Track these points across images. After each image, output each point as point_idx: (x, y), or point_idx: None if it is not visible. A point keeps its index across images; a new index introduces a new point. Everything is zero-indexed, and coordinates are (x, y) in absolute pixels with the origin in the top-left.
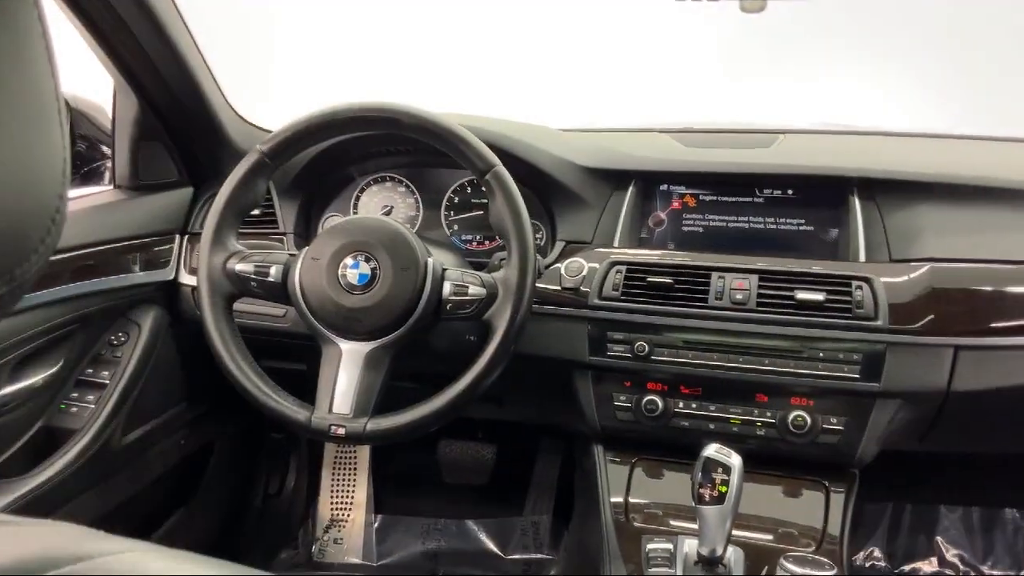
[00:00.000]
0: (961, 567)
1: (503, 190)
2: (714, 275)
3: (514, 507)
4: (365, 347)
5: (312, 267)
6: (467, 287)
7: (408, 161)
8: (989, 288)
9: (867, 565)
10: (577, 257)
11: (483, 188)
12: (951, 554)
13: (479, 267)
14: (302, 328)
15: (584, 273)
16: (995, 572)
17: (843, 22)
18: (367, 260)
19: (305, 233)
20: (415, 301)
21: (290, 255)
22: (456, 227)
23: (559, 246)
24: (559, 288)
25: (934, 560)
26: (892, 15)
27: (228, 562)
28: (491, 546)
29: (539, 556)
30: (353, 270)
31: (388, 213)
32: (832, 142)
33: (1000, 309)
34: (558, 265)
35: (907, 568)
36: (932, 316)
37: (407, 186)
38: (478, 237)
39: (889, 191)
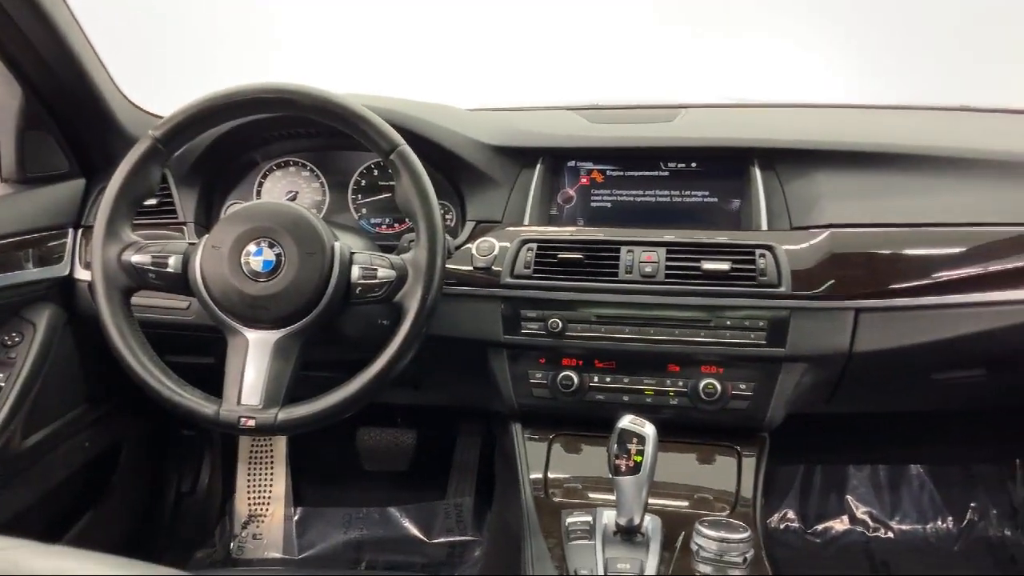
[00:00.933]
0: (871, 523)
1: (408, 170)
2: (623, 249)
3: (436, 491)
4: (273, 335)
5: (213, 255)
6: (376, 270)
7: (312, 144)
8: (887, 251)
9: (781, 527)
10: (488, 237)
11: (389, 169)
12: (861, 511)
13: (389, 251)
14: (207, 320)
15: (495, 252)
16: (903, 526)
17: None
18: (271, 246)
19: (206, 222)
20: (323, 286)
21: (190, 244)
22: (364, 210)
23: (469, 226)
24: (471, 268)
25: (845, 518)
26: None
27: (118, 558)
28: (415, 531)
29: (463, 538)
30: (257, 257)
31: (293, 198)
32: (733, 115)
33: (898, 271)
34: (469, 245)
35: (819, 527)
36: (833, 281)
37: (312, 170)
38: (387, 220)
39: (788, 161)
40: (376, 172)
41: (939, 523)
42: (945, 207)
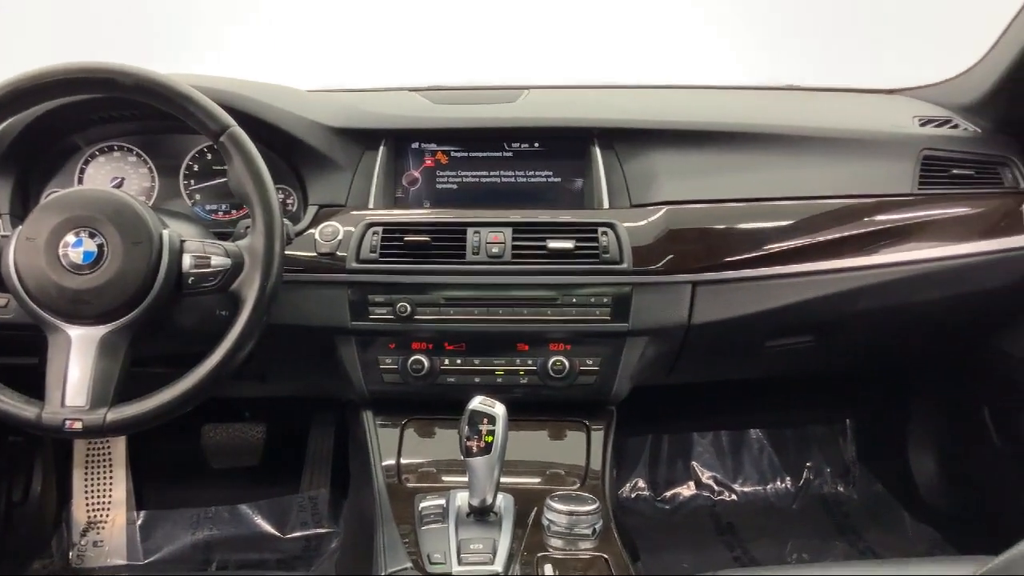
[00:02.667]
0: (715, 487)
1: (241, 152)
2: (470, 231)
3: (290, 485)
4: (98, 331)
5: (28, 248)
6: (209, 258)
7: (139, 127)
8: (720, 226)
9: (633, 496)
10: (331, 221)
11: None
12: (706, 476)
13: (226, 238)
14: (26, 317)
15: (340, 237)
16: (745, 488)
17: None
18: (92, 236)
19: (23, 213)
20: (151, 277)
21: (2, 237)
22: (198, 196)
23: (312, 211)
24: (314, 254)
25: (691, 484)
26: None
27: None
28: (268, 527)
29: (319, 531)
30: (76, 248)
31: (119, 185)
32: (574, 96)
33: (731, 245)
34: (312, 230)
35: (668, 494)
36: (671, 256)
37: (139, 155)
38: (224, 207)
39: (626, 140)
40: (209, 156)
41: (778, 483)
42: (774, 182)
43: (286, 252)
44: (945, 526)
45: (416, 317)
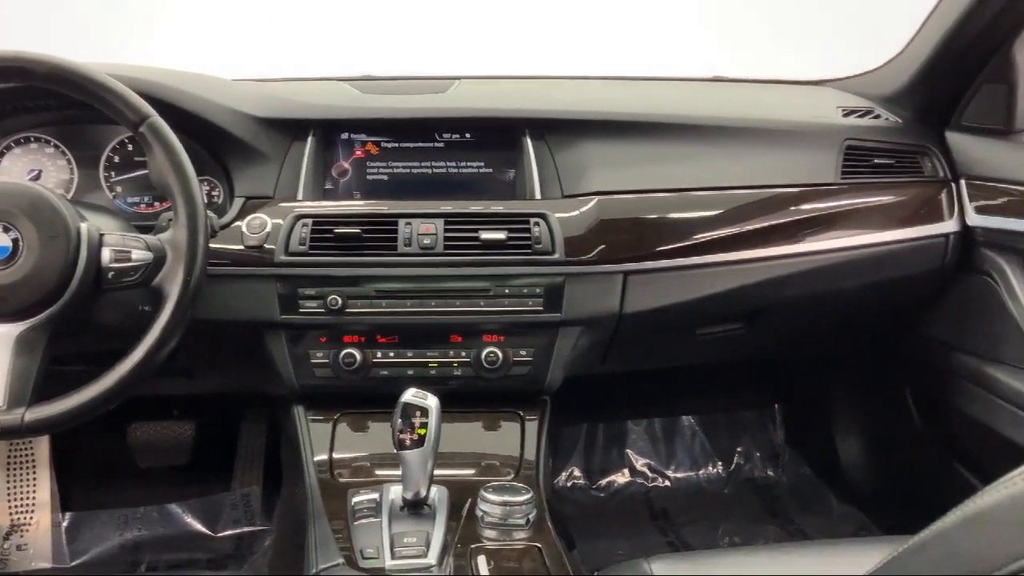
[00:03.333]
0: (649, 474)
1: (161, 143)
2: (401, 222)
3: (221, 482)
4: (14, 329)
5: None
6: (130, 252)
7: (56, 118)
8: (651, 216)
9: (568, 485)
10: (259, 213)
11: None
12: (640, 463)
13: (149, 232)
14: None
15: (268, 229)
16: (678, 474)
17: None
18: (6, 230)
19: None
20: (69, 272)
21: None
22: (119, 189)
23: (238, 203)
24: (242, 247)
25: (626, 471)
26: None
27: None
28: (199, 526)
29: (252, 529)
30: None
31: (36, 178)
32: (505, 86)
33: (662, 234)
34: (239, 223)
35: (603, 482)
36: (603, 246)
37: (57, 146)
38: (147, 199)
39: (557, 130)
40: (131, 147)
41: (710, 468)
42: (703, 172)
43: (211, 245)
44: (870, 507)
45: (347, 310)
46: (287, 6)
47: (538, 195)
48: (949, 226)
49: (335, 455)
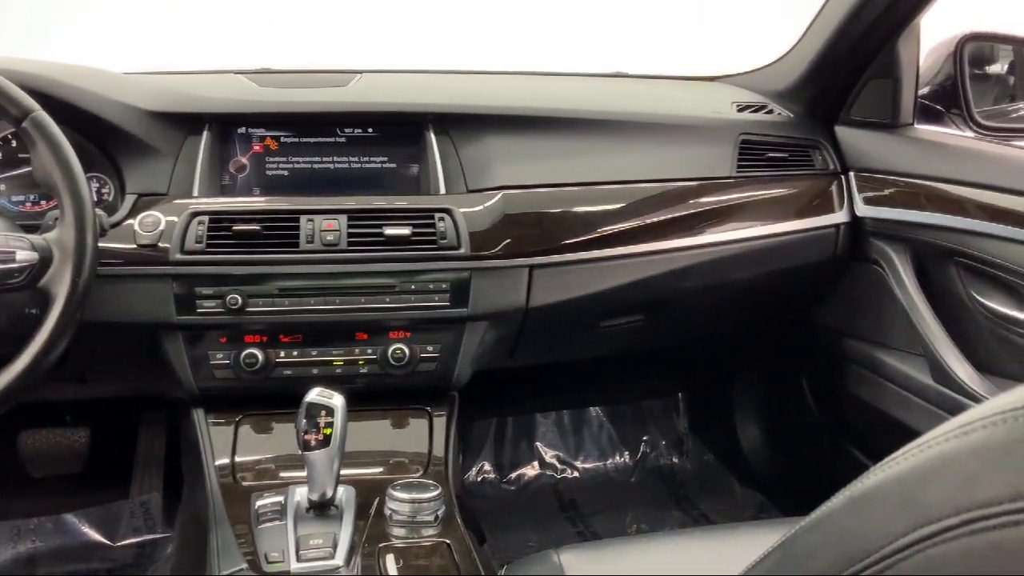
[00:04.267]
0: (558, 465)
1: (45, 139)
2: (303, 218)
3: (119, 490)
4: None
5: None
6: (14, 252)
7: None
8: (555, 210)
9: (479, 479)
10: (153, 211)
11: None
12: (549, 456)
13: (35, 231)
14: None
15: (162, 227)
16: (586, 465)
17: None
18: None
19: None
20: None
21: None
22: (2, 187)
23: (130, 200)
24: (134, 246)
25: (536, 464)
26: None
27: None
28: (96, 536)
29: (153, 537)
30: None
31: None
32: (407, 80)
33: (567, 228)
34: (131, 221)
35: (513, 475)
36: (508, 240)
37: None
38: (32, 197)
39: (461, 125)
40: (14, 143)
41: (617, 458)
42: (606, 166)
43: (101, 244)
44: (770, 490)
45: (248, 309)
46: None
47: (443, 190)
48: (839, 217)
49: (237, 458)
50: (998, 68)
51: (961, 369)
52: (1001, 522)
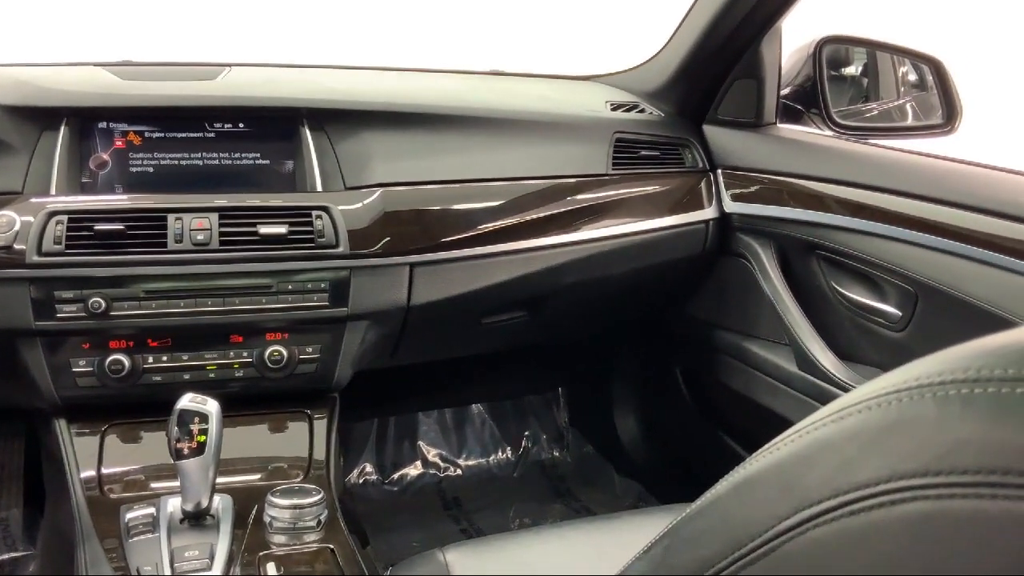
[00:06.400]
0: (441, 464)
1: None
2: (171, 217)
3: None
4: None
5: None
6: None
7: None
8: (435, 207)
9: (361, 481)
10: (6, 210)
11: None
12: (432, 454)
13: None
14: None
15: (17, 228)
16: (469, 462)
17: None
18: None
19: None
20: None
21: None
22: None
23: None
24: None
25: (418, 463)
26: None
27: None
28: None
29: (13, 555)
30: None
31: None
32: (279, 75)
33: (447, 226)
34: None
35: (396, 476)
36: (388, 238)
37: None
38: None
39: (337, 121)
40: None
41: (499, 454)
42: (485, 164)
43: None
44: (648, 480)
45: (113, 313)
46: None
47: (319, 187)
48: (708, 213)
49: (104, 470)
50: (853, 70)
51: (824, 357)
52: (879, 502)
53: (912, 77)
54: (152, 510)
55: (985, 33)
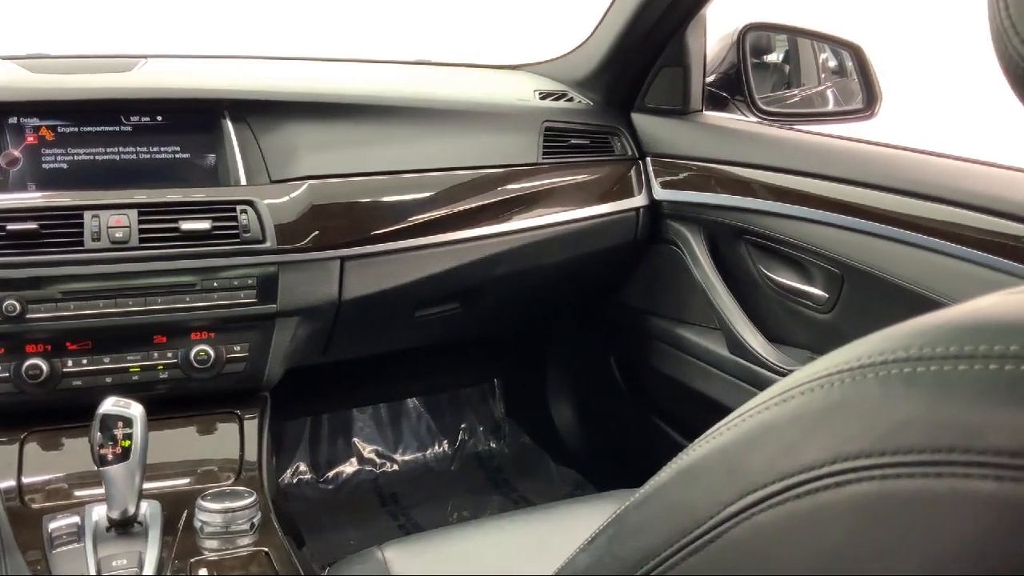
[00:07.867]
0: (377, 460)
1: None
2: (87, 214)
3: None
4: None
5: None
6: None
7: None
8: (365, 200)
9: (295, 481)
10: None
11: None
12: (368, 451)
13: None
14: None
15: None
16: (406, 457)
17: None
18: None
19: None
20: None
21: None
22: None
23: None
24: None
25: (354, 460)
26: None
27: None
28: None
29: None
30: None
31: None
32: (197, 66)
33: (376, 218)
34: None
35: (331, 474)
36: (317, 232)
37: None
38: None
39: (259, 113)
40: None
41: (436, 448)
42: (414, 154)
43: None
44: (585, 468)
45: (28, 316)
46: None
47: (243, 181)
48: (638, 201)
49: (25, 479)
50: (775, 57)
51: (754, 340)
52: (824, 484)
53: (832, 63)
54: (77, 519)
55: (903, 17)
